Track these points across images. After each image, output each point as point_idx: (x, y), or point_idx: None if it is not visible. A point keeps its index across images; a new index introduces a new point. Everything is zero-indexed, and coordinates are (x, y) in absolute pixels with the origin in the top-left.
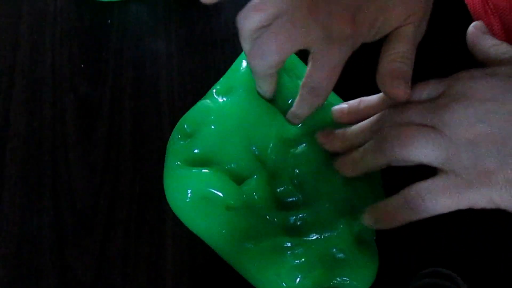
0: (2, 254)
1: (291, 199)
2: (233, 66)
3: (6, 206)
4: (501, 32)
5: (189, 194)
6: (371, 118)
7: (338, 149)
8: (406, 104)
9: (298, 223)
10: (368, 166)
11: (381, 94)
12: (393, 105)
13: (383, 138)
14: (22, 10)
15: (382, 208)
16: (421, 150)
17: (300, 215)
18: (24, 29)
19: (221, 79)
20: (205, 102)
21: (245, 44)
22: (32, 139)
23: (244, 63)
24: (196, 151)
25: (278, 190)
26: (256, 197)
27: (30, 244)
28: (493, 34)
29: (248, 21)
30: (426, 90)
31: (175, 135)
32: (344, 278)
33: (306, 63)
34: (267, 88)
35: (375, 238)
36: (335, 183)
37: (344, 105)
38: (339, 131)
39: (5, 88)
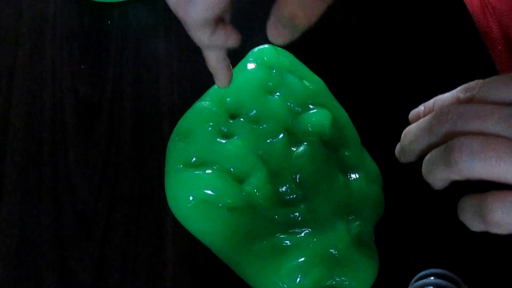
0: (2, 254)
1: (291, 196)
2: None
3: (6, 206)
4: (499, 34)
5: (191, 198)
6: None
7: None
8: (484, 106)
9: (299, 220)
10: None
11: (455, 91)
12: (466, 100)
13: (457, 149)
14: (22, 10)
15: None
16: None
17: (300, 214)
18: (24, 29)
19: None
20: (203, 103)
21: None
22: (32, 139)
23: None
24: (195, 152)
25: (280, 190)
26: (258, 195)
27: (30, 245)
28: (492, 36)
29: None
30: (501, 92)
31: (174, 137)
32: (343, 278)
33: (306, 64)
34: (220, 72)
35: (374, 239)
36: (335, 184)
37: (420, 107)
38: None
39: (5, 88)
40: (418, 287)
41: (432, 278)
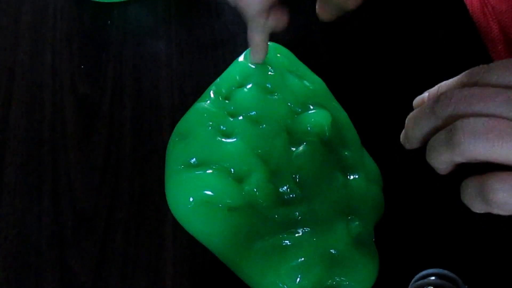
0: (2, 254)
1: (291, 196)
2: (229, 68)
3: (6, 207)
4: (499, 34)
5: (191, 200)
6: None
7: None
8: (487, 89)
9: (298, 219)
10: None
11: (459, 76)
12: (470, 85)
13: (460, 131)
14: (22, 10)
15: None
16: (510, 150)
17: (300, 213)
18: (24, 29)
19: (218, 79)
20: (202, 104)
21: None
22: (32, 139)
23: (241, 58)
24: (195, 152)
25: (280, 189)
26: (258, 195)
27: (30, 245)
28: (492, 36)
29: None
30: (505, 76)
31: (174, 138)
32: (343, 278)
33: (306, 64)
34: (261, 45)
35: (374, 239)
36: (335, 184)
37: (425, 94)
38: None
39: (5, 88)
40: (418, 287)
41: (432, 278)
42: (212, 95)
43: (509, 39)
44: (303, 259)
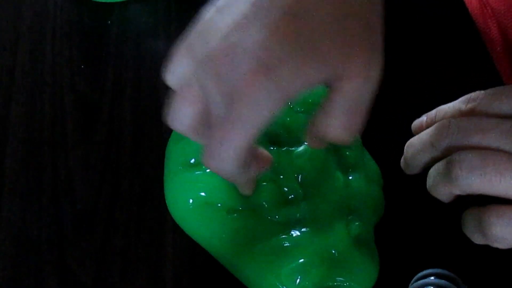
0: (2, 254)
1: (292, 196)
2: None
3: (6, 206)
4: (498, 35)
5: (191, 201)
6: (431, 129)
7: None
8: (484, 120)
9: (299, 219)
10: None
11: (456, 102)
12: (467, 113)
13: (457, 165)
14: (22, 10)
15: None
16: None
17: (301, 213)
18: (24, 29)
19: None
20: None
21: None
22: (32, 139)
23: None
24: (194, 152)
25: (280, 189)
26: (258, 194)
27: (30, 244)
28: (491, 36)
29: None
30: (503, 104)
31: (173, 138)
32: (343, 279)
33: None
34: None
35: (374, 239)
36: (335, 184)
37: (423, 118)
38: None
39: (5, 88)
40: (418, 287)
41: (432, 278)
42: None
43: (508, 39)
44: (303, 260)
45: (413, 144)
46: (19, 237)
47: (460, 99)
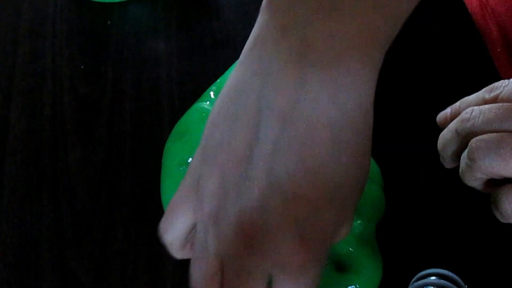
0: (2, 254)
1: None
2: (229, 69)
3: (6, 206)
4: (498, 37)
5: None
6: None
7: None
8: (504, 106)
9: None
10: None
11: (480, 92)
12: (491, 101)
13: (474, 147)
14: (22, 10)
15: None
16: None
17: None
18: (24, 29)
19: (218, 80)
20: (201, 104)
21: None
22: (32, 139)
23: None
24: (191, 151)
25: None
26: None
27: (30, 245)
28: (491, 37)
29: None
30: None
31: (172, 137)
32: (348, 280)
33: None
34: None
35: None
36: None
37: (448, 110)
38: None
39: (5, 88)
40: (418, 287)
41: (432, 278)
42: (212, 96)
43: (508, 40)
44: None
45: (443, 135)
46: (19, 237)
47: (484, 88)
